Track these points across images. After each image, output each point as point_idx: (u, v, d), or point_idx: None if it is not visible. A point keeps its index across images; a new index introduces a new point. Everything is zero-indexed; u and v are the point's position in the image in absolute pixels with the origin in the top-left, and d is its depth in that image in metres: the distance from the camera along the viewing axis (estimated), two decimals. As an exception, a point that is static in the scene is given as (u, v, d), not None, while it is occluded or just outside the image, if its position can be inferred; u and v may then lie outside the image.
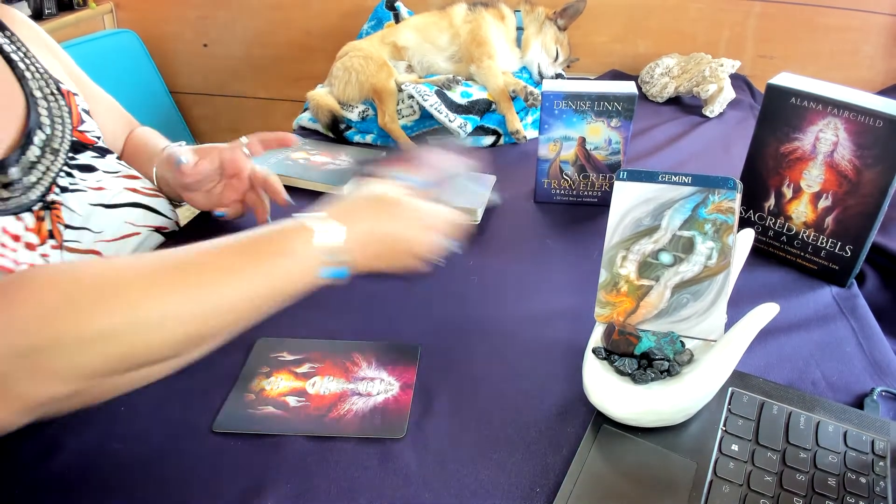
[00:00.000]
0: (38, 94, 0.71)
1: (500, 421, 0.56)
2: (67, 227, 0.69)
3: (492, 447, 0.53)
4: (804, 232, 0.75)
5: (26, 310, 0.39)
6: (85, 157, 0.74)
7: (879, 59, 1.43)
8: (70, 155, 0.72)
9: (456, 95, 1.12)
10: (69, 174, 0.71)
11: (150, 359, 0.44)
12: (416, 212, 0.57)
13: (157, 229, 0.81)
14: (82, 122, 0.76)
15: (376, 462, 0.52)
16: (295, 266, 0.50)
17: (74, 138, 0.73)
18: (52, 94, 0.72)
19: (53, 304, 0.40)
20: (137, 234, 0.77)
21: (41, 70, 0.73)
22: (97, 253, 0.71)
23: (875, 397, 0.58)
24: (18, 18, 0.77)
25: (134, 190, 0.78)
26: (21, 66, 0.71)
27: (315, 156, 1.04)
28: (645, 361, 0.55)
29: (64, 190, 0.70)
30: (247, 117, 2.01)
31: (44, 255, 0.65)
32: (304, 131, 1.19)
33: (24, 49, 0.73)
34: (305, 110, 1.22)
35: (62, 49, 0.83)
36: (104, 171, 0.75)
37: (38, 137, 0.68)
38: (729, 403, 0.56)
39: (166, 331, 0.43)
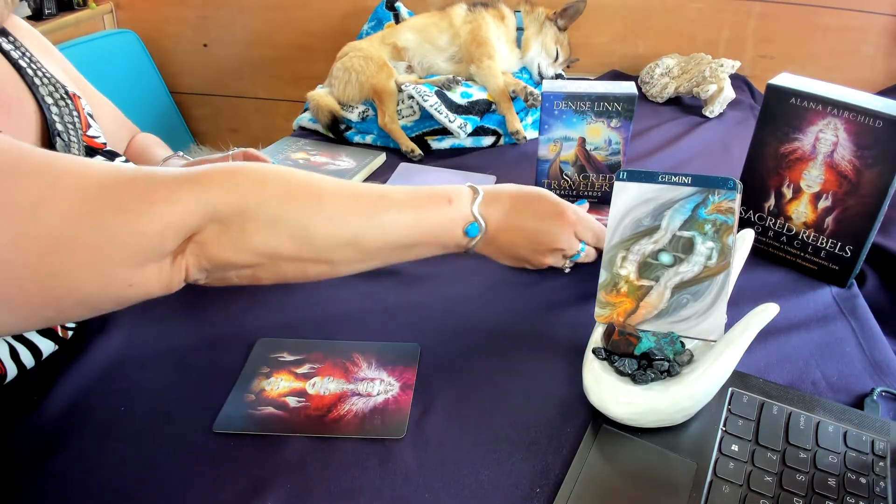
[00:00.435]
0: (49, 99, 0.70)
1: (500, 421, 0.56)
2: None
3: (492, 447, 0.53)
4: (804, 232, 0.75)
5: (234, 185, 0.46)
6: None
7: (879, 60, 1.43)
8: None
9: (456, 96, 1.12)
10: None
11: (314, 255, 0.51)
12: (575, 217, 0.65)
13: None
14: (89, 126, 0.75)
15: (376, 462, 0.52)
16: (448, 216, 0.58)
17: (85, 144, 0.72)
18: (62, 98, 0.71)
19: (255, 183, 0.47)
20: None
21: (48, 75, 0.72)
22: None
23: (875, 397, 0.58)
24: (19, 24, 0.76)
25: None
26: (29, 71, 0.70)
27: (315, 156, 1.04)
28: (645, 362, 0.55)
29: None
30: (247, 117, 2.01)
31: None
32: (304, 131, 1.19)
33: (28, 54, 0.72)
34: (305, 110, 1.22)
35: (61, 54, 0.82)
36: None
37: (59, 144, 0.67)
38: (729, 404, 0.56)
39: (336, 234, 0.51)
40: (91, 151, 0.72)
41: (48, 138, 0.66)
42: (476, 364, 0.62)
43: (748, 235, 0.64)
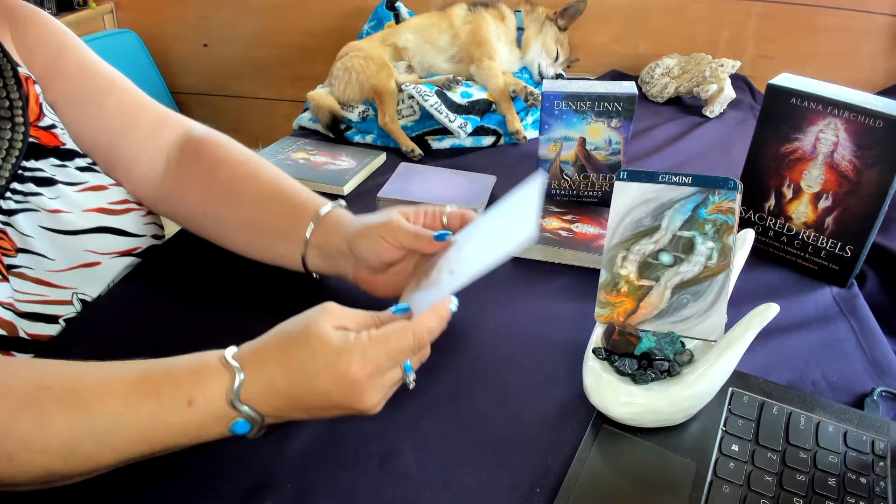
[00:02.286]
0: None
1: (500, 421, 0.56)
2: (20, 250, 0.61)
3: (492, 447, 0.53)
4: (804, 232, 0.75)
5: None
6: (45, 165, 0.63)
7: (880, 60, 1.43)
8: (23, 165, 0.61)
9: (456, 96, 1.12)
10: (17, 191, 0.61)
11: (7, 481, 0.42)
12: (364, 371, 0.45)
13: (124, 254, 0.71)
14: (41, 115, 0.63)
15: (376, 462, 0.52)
16: (191, 422, 0.44)
17: (33, 138, 0.62)
18: (4, 85, 0.60)
19: None
20: (97, 263, 0.67)
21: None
22: (47, 283, 0.63)
23: (875, 397, 0.58)
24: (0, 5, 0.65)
25: (101, 210, 0.67)
26: None
27: (315, 156, 1.04)
28: (645, 362, 0.55)
29: (10, 213, 0.60)
30: (247, 117, 2.01)
31: None
32: (305, 131, 1.19)
33: None
34: (306, 110, 1.22)
35: (71, 36, 0.70)
36: (64, 183, 0.64)
37: None
38: (729, 404, 0.56)
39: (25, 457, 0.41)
40: (40, 150, 0.63)
41: None
42: (476, 363, 0.62)
43: (748, 235, 0.64)
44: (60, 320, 0.64)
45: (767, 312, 0.53)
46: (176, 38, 1.90)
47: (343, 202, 0.67)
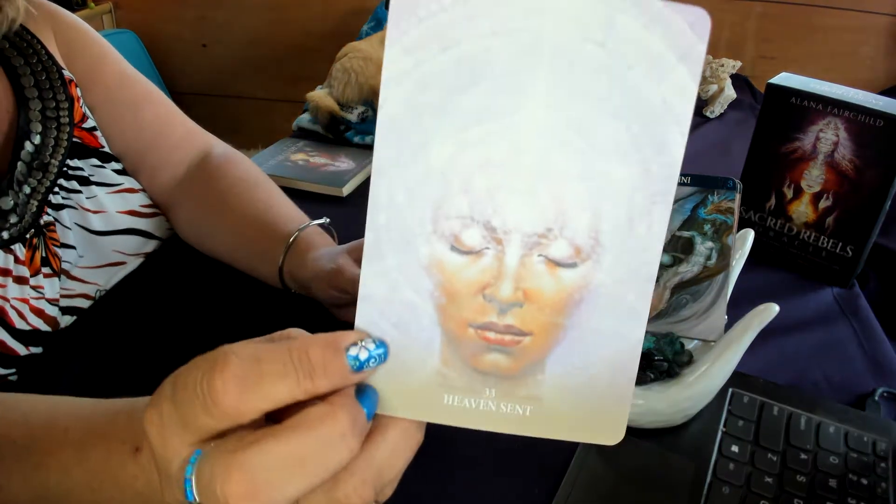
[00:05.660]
0: (33, 92, 0.60)
1: (499, 422, 0.55)
2: (62, 245, 0.62)
3: (490, 447, 0.53)
4: (805, 232, 0.74)
5: None
6: (85, 165, 0.64)
7: (880, 60, 1.43)
8: (68, 164, 0.62)
9: (455, 96, 1.11)
10: (63, 187, 0.62)
11: None
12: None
13: (146, 255, 0.72)
14: (84, 117, 0.65)
15: (374, 463, 0.51)
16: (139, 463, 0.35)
17: (76, 138, 0.63)
18: (51, 86, 0.61)
19: None
20: (123, 263, 0.69)
21: (44, 57, 0.62)
22: (76, 279, 0.64)
23: (876, 398, 0.58)
24: (45, 9, 0.66)
25: (131, 212, 0.69)
26: (20, 59, 0.61)
27: (315, 157, 1.04)
28: (644, 362, 0.54)
29: (59, 207, 0.62)
30: (246, 118, 2.01)
31: (37, 287, 0.58)
32: (304, 132, 1.19)
33: (28, 37, 0.63)
34: (305, 111, 1.22)
35: (110, 46, 0.71)
36: (98, 185, 0.66)
37: (26, 150, 0.59)
38: (729, 404, 0.56)
39: None
40: (83, 150, 0.64)
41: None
42: (475, 365, 0.61)
43: (748, 235, 0.63)
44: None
45: (767, 312, 0.52)
46: (175, 39, 1.91)
47: (327, 219, 0.66)
